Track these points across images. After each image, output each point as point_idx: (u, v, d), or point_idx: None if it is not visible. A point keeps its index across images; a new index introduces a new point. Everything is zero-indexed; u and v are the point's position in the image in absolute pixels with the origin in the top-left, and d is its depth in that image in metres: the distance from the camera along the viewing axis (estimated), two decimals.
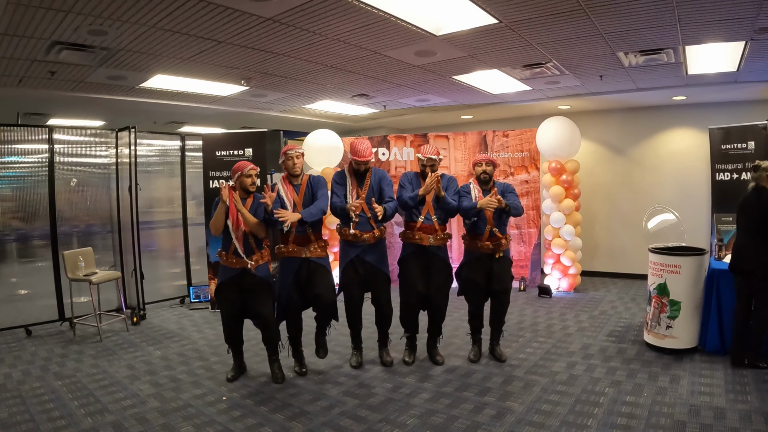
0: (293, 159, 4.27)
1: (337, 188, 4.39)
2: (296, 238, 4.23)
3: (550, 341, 5.14)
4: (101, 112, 7.27)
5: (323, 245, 4.34)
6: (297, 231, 4.22)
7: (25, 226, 6.05)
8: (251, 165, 4.21)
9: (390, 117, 8.99)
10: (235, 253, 4.12)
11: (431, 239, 4.40)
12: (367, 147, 4.38)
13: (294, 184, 4.33)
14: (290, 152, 4.27)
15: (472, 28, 4.34)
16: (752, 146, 6.55)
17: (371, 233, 4.35)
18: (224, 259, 4.16)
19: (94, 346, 5.27)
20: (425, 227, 4.41)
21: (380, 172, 4.53)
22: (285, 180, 4.36)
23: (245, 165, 4.17)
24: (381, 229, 4.45)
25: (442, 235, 4.46)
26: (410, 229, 4.46)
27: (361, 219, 4.33)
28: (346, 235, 4.35)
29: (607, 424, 3.34)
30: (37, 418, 3.60)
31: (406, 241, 4.51)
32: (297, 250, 4.22)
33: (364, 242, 4.34)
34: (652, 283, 4.77)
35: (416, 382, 4.18)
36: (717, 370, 4.18)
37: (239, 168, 4.16)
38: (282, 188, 4.29)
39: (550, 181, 7.28)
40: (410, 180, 4.51)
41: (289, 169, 4.30)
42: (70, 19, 3.78)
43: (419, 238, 4.40)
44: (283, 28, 4.21)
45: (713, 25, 4.27)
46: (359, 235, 4.31)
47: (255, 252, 4.16)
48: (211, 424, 3.51)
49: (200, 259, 7.31)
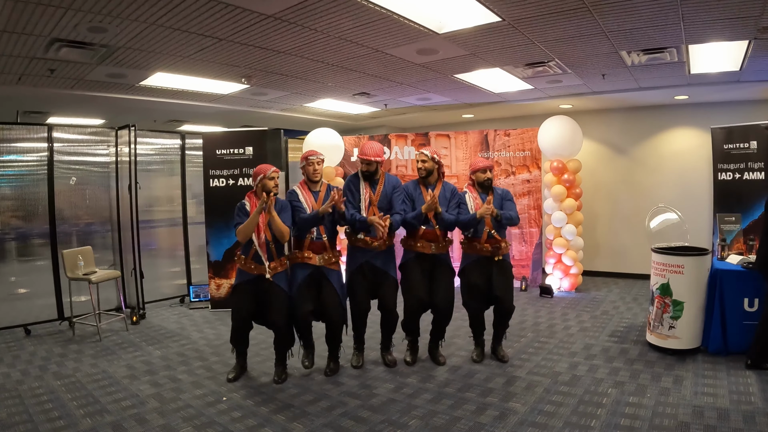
0: (314, 165, 4.22)
1: (350, 196, 4.32)
2: (312, 245, 4.19)
3: (552, 341, 5.12)
4: (101, 110, 7.24)
5: (338, 255, 4.30)
6: (314, 238, 4.18)
7: (25, 224, 6.02)
8: (273, 168, 4.13)
9: (391, 116, 8.97)
10: (255, 259, 4.07)
11: (433, 247, 4.36)
12: (373, 147, 4.32)
13: (312, 191, 4.27)
14: (312, 158, 4.21)
15: (475, 26, 4.31)
16: (755, 146, 6.54)
17: (382, 241, 4.30)
18: (242, 264, 4.10)
19: (93, 346, 5.25)
20: (427, 234, 4.37)
21: (394, 180, 4.47)
22: (303, 186, 4.30)
23: (267, 168, 4.10)
24: (390, 236, 4.42)
25: (444, 242, 4.43)
26: (412, 237, 4.42)
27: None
28: (356, 241, 4.32)
29: (610, 425, 3.32)
30: (35, 419, 3.57)
31: (408, 248, 4.47)
32: (311, 257, 4.17)
33: (375, 249, 4.30)
34: (655, 283, 4.75)
35: (418, 383, 4.16)
36: (720, 371, 4.16)
37: (261, 171, 4.08)
38: (300, 194, 4.23)
39: (551, 180, 7.25)
40: (410, 193, 4.43)
41: (310, 174, 4.24)
42: (69, 15, 3.75)
43: (421, 245, 4.36)
44: (284, 25, 4.18)
45: (717, 24, 4.25)
46: (370, 242, 4.27)
47: (275, 258, 4.12)
48: (211, 425, 3.48)
49: (200, 258, 7.28)
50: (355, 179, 4.42)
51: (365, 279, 4.35)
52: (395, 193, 4.38)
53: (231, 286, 4.24)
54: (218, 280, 6.68)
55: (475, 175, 4.51)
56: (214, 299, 6.73)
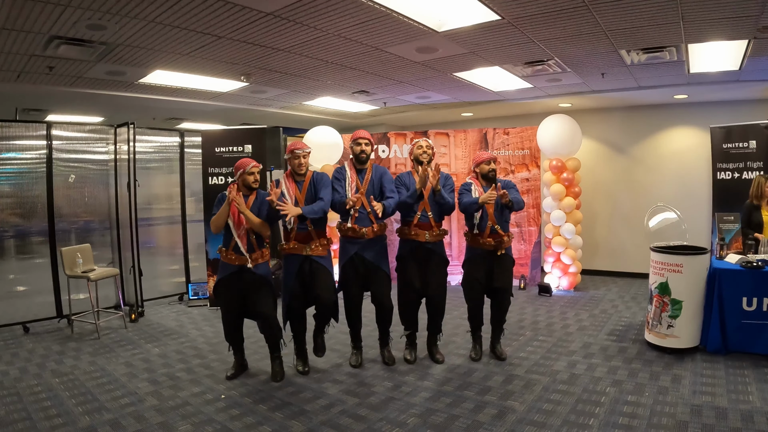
0: (300, 158, 4.24)
1: (337, 184, 4.36)
2: (298, 236, 4.20)
3: (551, 340, 5.12)
4: (100, 107, 7.23)
5: (325, 243, 4.30)
6: (299, 228, 4.20)
7: (23, 222, 6.01)
8: (254, 162, 4.18)
9: (390, 114, 8.96)
10: (236, 250, 4.10)
11: (427, 235, 4.39)
12: (366, 132, 4.44)
13: (297, 181, 4.30)
14: (298, 151, 4.23)
15: (474, 24, 4.31)
16: (754, 145, 6.55)
17: (370, 228, 4.32)
18: (224, 256, 4.13)
19: (91, 344, 5.25)
20: (421, 224, 4.40)
21: (381, 169, 4.51)
22: (288, 176, 4.33)
23: (248, 162, 4.15)
24: (381, 225, 4.42)
25: (438, 231, 4.45)
26: (407, 225, 4.46)
27: (361, 214, 4.31)
28: (345, 231, 4.33)
29: (608, 424, 3.32)
30: (34, 416, 3.57)
31: (402, 237, 4.50)
32: (298, 247, 4.19)
33: (363, 237, 4.30)
34: (654, 282, 4.75)
35: (416, 381, 4.16)
36: (718, 370, 4.16)
37: (242, 165, 4.13)
38: (285, 184, 4.26)
39: (550, 179, 7.25)
40: (404, 182, 4.50)
41: (295, 167, 4.26)
42: (68, 13, 3.74)
43: (415, 234, 4.39)
44: (283, 23, 4.18)
45: (716, 24, 4.25)
46: (357, 229, 4.29)
47: (256, 250, 4.14)
48: (209, 423, 3.48)
49: (199, 256, 7.28)
50: (342, 169, 4.45)
51: (357, 273, 4.37)
52: (385, 178, 4.42)
53: (215, 282, 4.24)
54: None
55: (479, 167, 4.53)
56: (212, 297, 6.72)
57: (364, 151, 4.38)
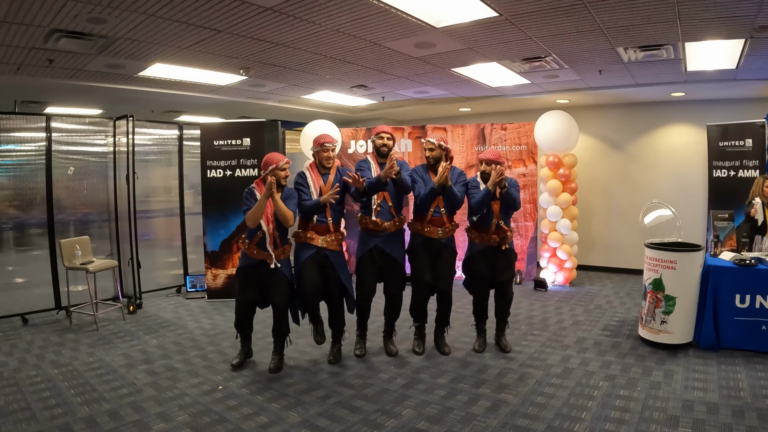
0: (329, 151, 4.29)
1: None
2: (316, 227, 4.26)
3: (545, 334, 5.17)
4: (99, 100, 7.24)
5: (340, 238, 4.35)
6: (318, 220, 4.25)
7: (22, 214, 6.03)
8: (285, 158, 4.17)
9: (388, 108, 8.97)
10: (259, 245, 4.14)
11: (440, 232, 4.44)
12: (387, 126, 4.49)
13: (323, 174, 4.35)
14: (328, 144, 4.29)
15: (472, 20, 4.32)
16: (750, 144, 6.58)
17: (392, 222, 4.39)
18: (246, 248, 4.17)
19: (90, 335, 5.28)
20: (434, 220, 4.45)
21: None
22: (312, 168, 4.37)
23: (280, 158, 4.14)
24: (401, 218, 4.49)
25: (450, 227, 4.51)
26: (419, 221, 4.49)
27: (382, 208, 4.37)
28: (367, 223, 4.38)
29: (600, 418, 3.37)
30: (33, 406, 3.61)
31: (415, 232, 4.54)
32: (314, 237, 4.24)
33: (384, 231, 4.37)
34: (648, 278, 4.80)
35: (412, 374, 4.21)
36: (711, 366, 4.22)
37: (273, 161, 4.10)
38: (309, 175, 4.31)
39: (547, 174, 7.29)
40: (421, 175, 4.51)
41: (323, 160, 4.31)
42: (69, 6, 3.75)
43: (429, 230, 4.43)
44: (282, 18, 4.19)
45: (713, 23, 4.27)
46: (380, 223, 4.35)
47: (279, 247, 4.18)
48: (207, 413, 3.52)
49: (197, 248, 7.31)
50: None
51: (373, 263, 4.42)
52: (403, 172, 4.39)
53: (236, 269, 4.27)
54: (215, 270, 6.71)
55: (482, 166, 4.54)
56: (210, 289, 6.75)
57: (386, 144, 4.41)
